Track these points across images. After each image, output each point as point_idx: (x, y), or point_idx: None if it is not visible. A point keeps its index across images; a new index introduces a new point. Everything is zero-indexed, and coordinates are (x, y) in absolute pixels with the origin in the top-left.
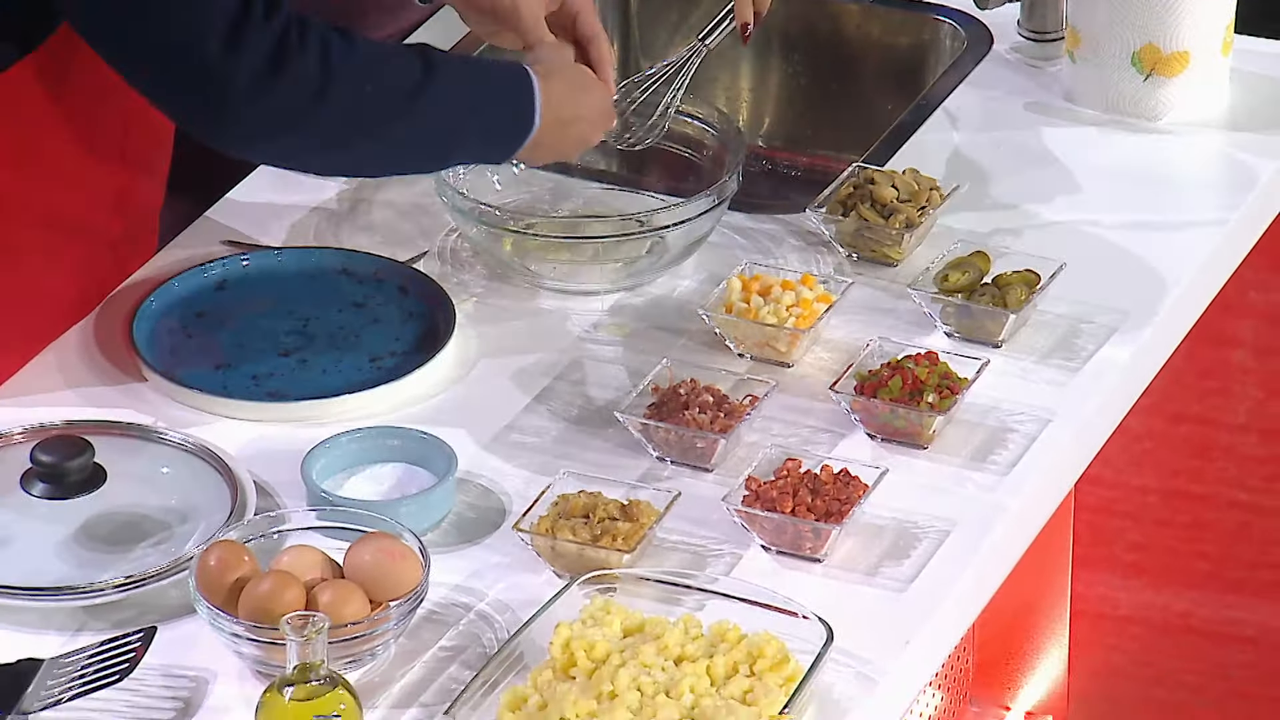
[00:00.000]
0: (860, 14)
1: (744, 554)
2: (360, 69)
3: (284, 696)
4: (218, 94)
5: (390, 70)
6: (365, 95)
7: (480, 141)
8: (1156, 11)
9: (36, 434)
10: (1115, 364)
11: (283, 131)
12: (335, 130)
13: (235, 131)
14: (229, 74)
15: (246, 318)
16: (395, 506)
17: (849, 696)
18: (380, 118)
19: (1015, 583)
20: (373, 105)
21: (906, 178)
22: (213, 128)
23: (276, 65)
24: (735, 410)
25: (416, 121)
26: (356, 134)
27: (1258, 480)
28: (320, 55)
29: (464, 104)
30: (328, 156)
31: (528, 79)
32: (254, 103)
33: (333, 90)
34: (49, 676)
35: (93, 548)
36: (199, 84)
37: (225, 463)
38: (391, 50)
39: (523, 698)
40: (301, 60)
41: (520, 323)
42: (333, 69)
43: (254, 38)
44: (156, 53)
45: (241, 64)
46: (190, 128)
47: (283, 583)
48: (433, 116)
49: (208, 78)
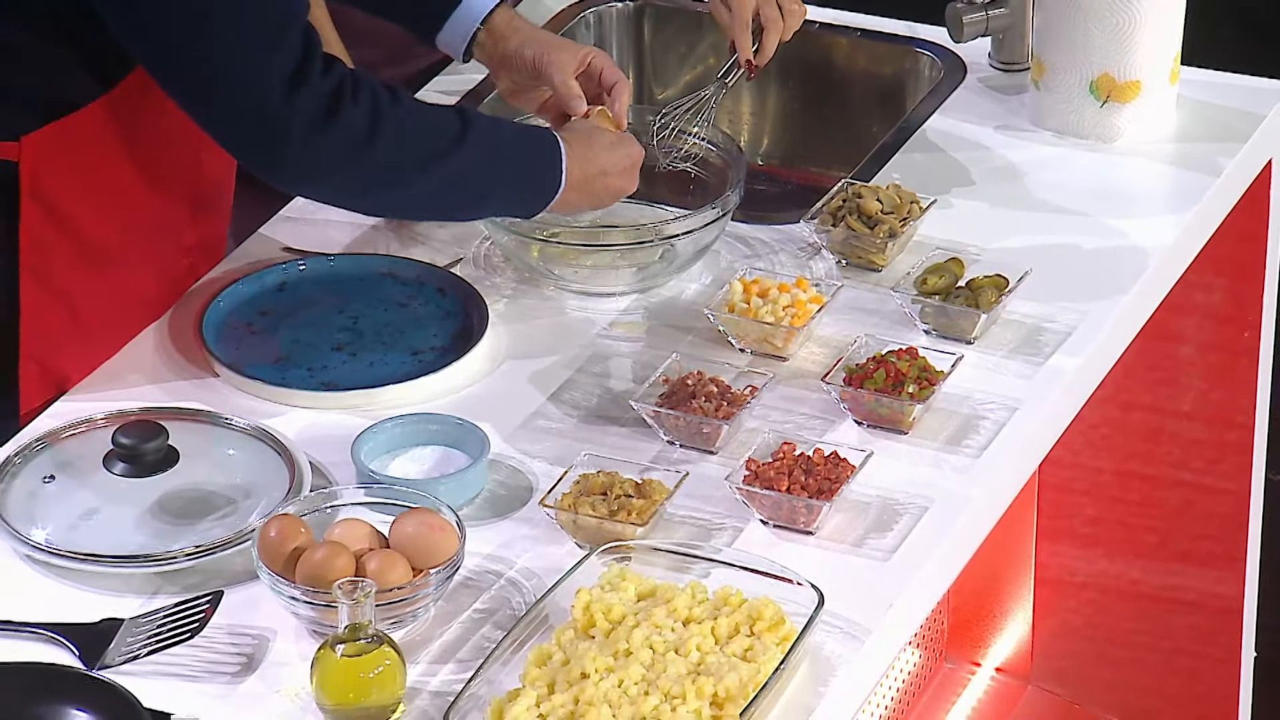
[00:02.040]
0: (849, 46)
1: (745, 527)
2: (405, 122)
3: (336, 653)
4: (274, 137)
5: (432, 124)
6: (408, 146)
7: (512, 194)
8: (1112, 45)
9: (117, 419)
10: (1075, 358)
11: (331, 174)
12: (379, 175)
13: (289, 173)
14: (286, 119)
15: (303, 316)
16: (434, 484)
17: (838, 654)
18: (420, 166)
19: (986, 553)
20: (414, 154)
21: (890, 192)
22: (269, 167)
23: (330, 113)
24: (737, 399)
25: (453, 171)
26: (398, 180)
27: (1201, 463)
28: (371, 107)
29: (498, 159)
30: (372, 199)
31: (555, 140)
32: (307, 146)
33: (379, 140)
34: (128, 634)
35: (166, 520)
36: (258, 127)
37: (284, 445)
38: (434, 108)
39: (548, 655)
40: (353, 110)
41: (545, 321)
42: (380, 121)
43: (311, 87)
44: (219, 96)
45: (297, 111)
46: (248, 165)
47: (335, 552)
48: (469, 168)
49: (266, 122)
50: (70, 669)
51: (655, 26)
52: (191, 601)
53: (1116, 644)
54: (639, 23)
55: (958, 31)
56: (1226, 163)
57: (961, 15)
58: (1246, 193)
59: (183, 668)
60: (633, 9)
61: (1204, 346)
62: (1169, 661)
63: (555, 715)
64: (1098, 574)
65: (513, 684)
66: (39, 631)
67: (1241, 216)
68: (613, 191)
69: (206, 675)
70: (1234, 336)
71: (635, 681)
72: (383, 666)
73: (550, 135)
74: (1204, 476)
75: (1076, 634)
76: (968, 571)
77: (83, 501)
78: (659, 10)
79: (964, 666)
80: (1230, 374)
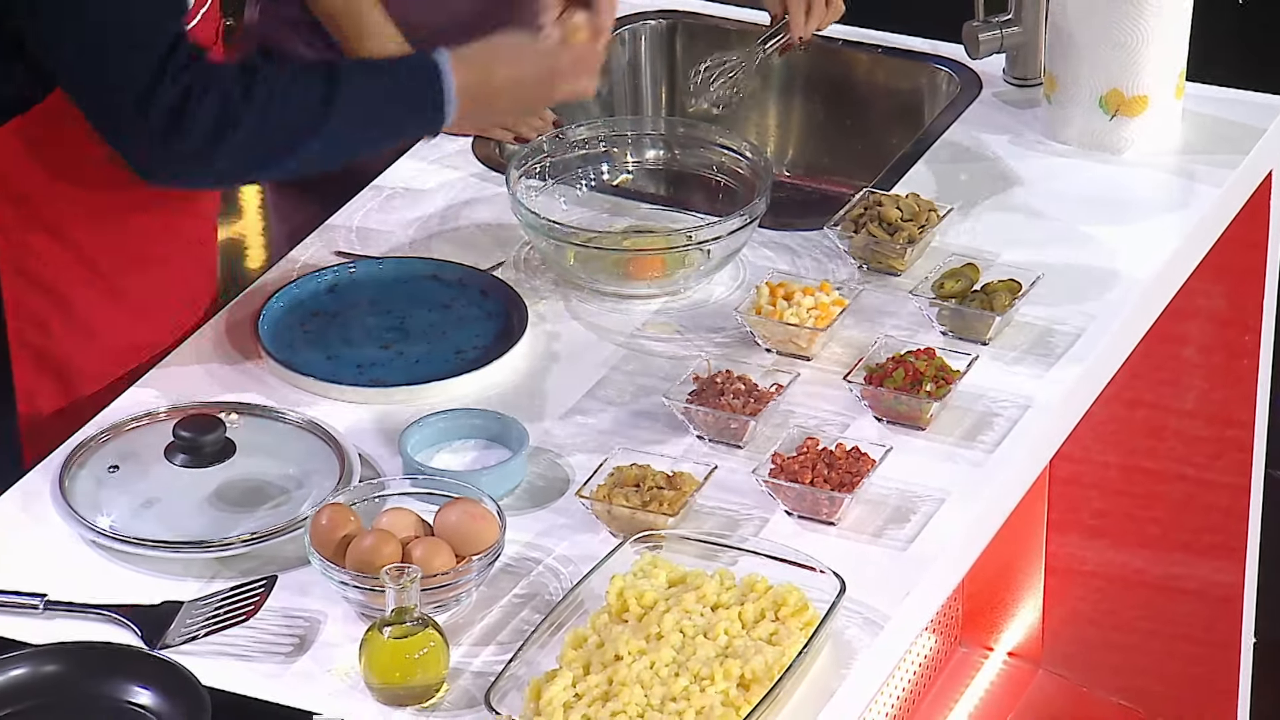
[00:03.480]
0: (870, 62)
1: (770, 518)
2: (261, 104)
3: (383, 635)
4: (136, 143)
5: (294, 94)
6: (269, 133)
7: (398, 129)
8: (1120, 61)
9: (178, 413)
10: (1084, 359)
11: (198, 170)
12: (251, 158)
13: (159, 172)
14: (142, 127)
15: (352, 316)
16: (477, 476)
17: (858, 638)
18: (292, 137)
19: (998, 543)
20: (281, 130)
21: (909, 200)
22: (141, 170)
23: (178, 116)
24: (763, 397)
25: (329, 131)
26: (274, 155)
27: (1202, 458)
28: (218, 105)
29: (370, 110)
30: (260, 173)
31: (434, 66)
32: (166, 147)
33: (236, 134)
34: (188, 616)
35: (224, 509)
36: (122, 135)
37: (334, 438)
38: (297, 78)
39: (583, 637)
40: (200, 110)
41: (582, 322)
42: (230, 113)
43: (160, 94)
44: (92, 106)
45: (150, 118)
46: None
47: (382, 539)
48: (342, 128)
49: (127, 130)
50: (133, 648)
51: (686, 42)
52: (247, 585)
53: (1122, 630)
54: (671, 39)
55: (974, 48)
56: (1228, 174)
57: (978, 33)
58: (1248, 202)
59: (239, 648)
60: (665, 26)
61: (1206, 348)
62: (1172, 646)
63: (590, 695)
64: (1105, 563)
65: (550, 665)
66: (103, 613)
67: (1243, 225)
68: (528, 99)
69: (261, 655)
70: (1235, 339)
71: (666, 663)
72: (427, 648)
73: (428, 61)
74: (1205, 471)
75: (1085, 620)
76: (981, 561)
77: (145, 490)
78: (690, 27)
79: (977, 651)
80: (1231, 374)
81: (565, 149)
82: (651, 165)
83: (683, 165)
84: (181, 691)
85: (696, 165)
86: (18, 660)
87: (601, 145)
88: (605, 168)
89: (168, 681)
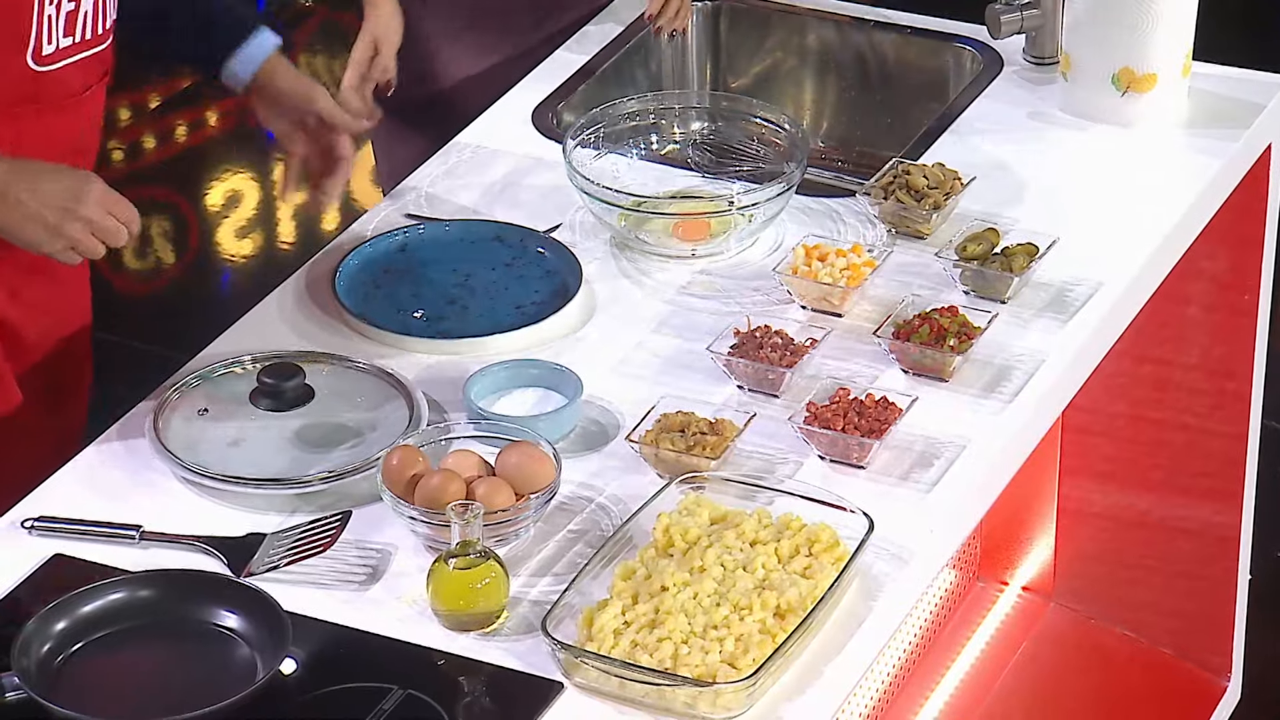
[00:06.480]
0: (899, 41)
1: (804, 462)
2: None
3: (448, 566)
4: None
5: None
6: None
7: None
8: (1131, 42)
9: (261, 361)
10: (1095, 317)
11: None
12: None
13: None
14: None
15: (421, 273)
16: (535, 421)
17: (885, 573)
18: None
19: (1015, 486)
20: None
21: (934, 170)
22: None
23: None
24: (799, 350)
25: None
26: None
27: (1203, 409)
28: None
29: None
30: None
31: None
32: None
33: None
34: (270, 547)
35: (303, 449)
36: None
37: (405, 385)
38: None
39: (632, 570)
40: None
41: (632, 280)
42: None
43: None
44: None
45: None
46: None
47: (448, 478)
48: None
49: None
50: (220, 576)
51: (730, 24)
52: (324, 520)
53: (1129, 566)
54: (716, 21)
55: (995, 29)
56: (1230, 146)
57: (999, 15)
58: (1248, 173)
59: (317, 577)
60: (710, 8)
61: (1208, 307)
62: (1173, 582)
63: (638, 622)
64: (1112, 505)
65: (601, 595)
66: (194, 543)
67: (1243, 194)
68: (25, 220)
69: (337, 584)
70: (1235, 299)
71: (708, 594)
72: (489, 578)
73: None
74: (1206, 421)
75: (1093, 557)
76: (999, 502)
77: (231, 432)
78: (734, 10)
79: (994, 585)
80: (1231, 332)
81: (617, 121)
82: (697, 136)
83: (725, 136)
84: (264, 615)
85: (738, 136)
86: (116, 585)
87: (650, 117)
88: (654, 138)
89: (252, 606)
